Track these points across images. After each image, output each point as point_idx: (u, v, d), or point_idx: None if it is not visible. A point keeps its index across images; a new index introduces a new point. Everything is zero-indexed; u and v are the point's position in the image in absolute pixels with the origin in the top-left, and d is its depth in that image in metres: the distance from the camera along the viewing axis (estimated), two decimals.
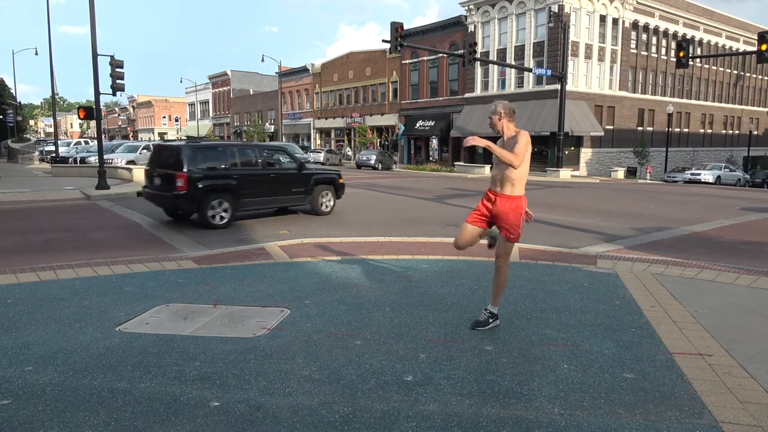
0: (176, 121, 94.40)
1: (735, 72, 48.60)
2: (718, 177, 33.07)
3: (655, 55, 41.14)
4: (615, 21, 37.57)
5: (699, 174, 33.11)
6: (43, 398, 3.37)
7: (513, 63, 36.27)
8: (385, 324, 4.77)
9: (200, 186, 10.42)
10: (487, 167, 34.08)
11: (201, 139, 64.71)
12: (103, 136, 21.68)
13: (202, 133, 76.02)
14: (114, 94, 20.49)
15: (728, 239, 10.17)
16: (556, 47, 34.01)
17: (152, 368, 3.81)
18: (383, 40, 24.41)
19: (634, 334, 4.55)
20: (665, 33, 41.59)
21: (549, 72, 30.43)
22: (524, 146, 4.37)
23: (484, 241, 5.12)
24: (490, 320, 4.65)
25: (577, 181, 29.16)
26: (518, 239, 4.68)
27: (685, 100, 43.77)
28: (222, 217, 10.74)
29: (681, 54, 22.49)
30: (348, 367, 3.84)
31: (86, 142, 42.95)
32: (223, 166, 11.11)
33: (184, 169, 10.38)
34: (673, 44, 37.33)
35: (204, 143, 12.21)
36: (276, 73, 64.26)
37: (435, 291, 5.82)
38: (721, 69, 47.27)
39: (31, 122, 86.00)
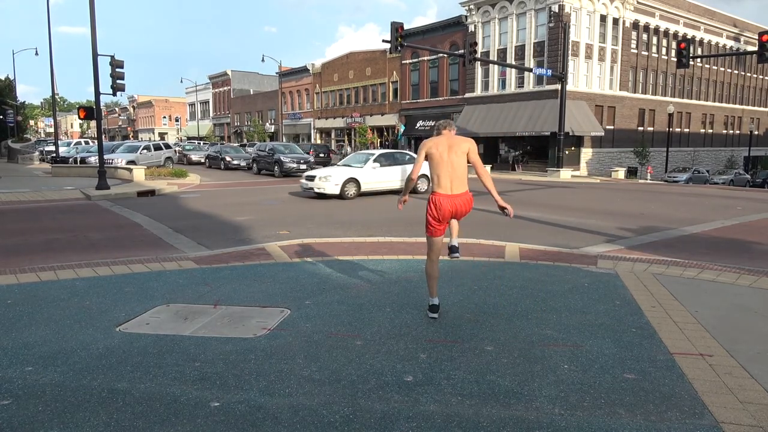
0: (176, 121, 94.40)
1: (736, 72, 48.57)
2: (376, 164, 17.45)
3: (656, 55, 41.11)
4: (615, 21, 37.55)
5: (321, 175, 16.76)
6: (43, 398, 3.36)
7: (513, 63, 36.25)
8: (386, 324, 4.76)
9: None
10: (488, 167, 34.10)
11: (201, 140, 64.88)
12: (103, 136, 21.67)
13: (203, 133, 76.03)
14: (114, 94, 20.49)
15: (729, 239, 10.16)
16: (556, 47, 33.99)
17: (152, 369, 3.81)
18: (383, 40, 24.38)
19: (635, 334, 4.54)
20: (666, 33, 41.56)
21: (549, 72, 30.41)
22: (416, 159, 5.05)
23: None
24: (428, 310, 5.04)
25: (578, 181, 29.14)
26: (427, 232, 5.06)
27: (685, 100, 43.75)
28: None
29: (682, 45, 22.43)
30: (348, 368, 3.84)
31: (86, 142, 42.98)
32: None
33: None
34: (674, 44, 37.30)
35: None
36: (276, 73, 64.23)
37: None
38: (722, 69, 47.25)
39: (32, 122, 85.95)
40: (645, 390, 3.51)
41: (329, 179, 16.57)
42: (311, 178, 16.98)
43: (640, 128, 40.36)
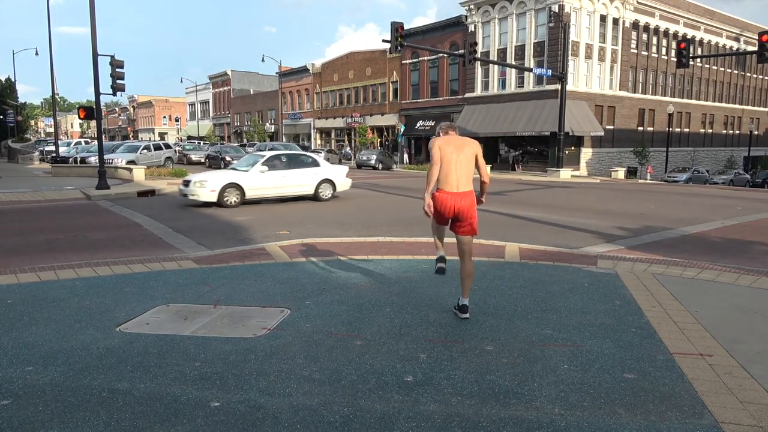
0: (176, 121, 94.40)
1: (736, 72, 48.58)
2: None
3: (656, 55, 41.13)
4: (615, 21, 37.56)
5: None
6: (43, 398, 3.36)
7: (513, 63, 36.26)
8: (386, 324, 4.76)
9: None
10: (488, 167, 34.09)
11: (201, 140, 64.92)
12: (103, 136, 21.67)
13: (203, 133, 76.05)
14: (114, 94, 20.51)
15: (729, 239, 10.16)
16: (556, 47, 34.00)
17: (152, 369, 3.81)
18: (383, 40, 24.39)
19: (635, 334, 4.54)
20: (665, 33, 41.58)
21: (549, 72, 30.43)
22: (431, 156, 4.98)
23: None
24: (436, 261, 5.22)
25: (578, 181, 29.16)
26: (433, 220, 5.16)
27: (685, 100, 43.76)
28: None
29: (682, 45, 22.43)
30: (348, 368, 3.84)
31: (86, 142, 42.97)
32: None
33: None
34: (674, 44, 37.28)
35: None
36: (276, 73, 64.28)
37: (435, 291, 5.81)
38: (722, 69, 47.26)
39: (32, 122, 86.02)
40: (645, 390, 3.51)
41: (205, 185, 14.36)
42: (187, 183, 14.72)
43: (640, 128, 40.38)
